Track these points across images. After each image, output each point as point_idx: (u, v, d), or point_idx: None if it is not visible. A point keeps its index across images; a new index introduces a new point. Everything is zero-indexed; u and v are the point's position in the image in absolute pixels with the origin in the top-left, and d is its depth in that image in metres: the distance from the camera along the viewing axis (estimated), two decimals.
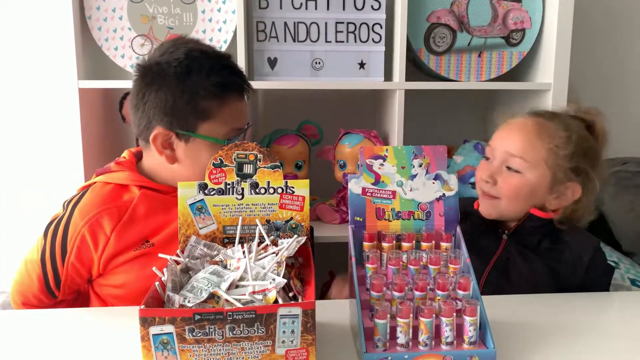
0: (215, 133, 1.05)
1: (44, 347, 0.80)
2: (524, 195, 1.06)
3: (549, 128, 1.06)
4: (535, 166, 1.04)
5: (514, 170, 1.06)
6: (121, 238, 1.01)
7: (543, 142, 1.04)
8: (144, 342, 0.63)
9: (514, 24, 1.47)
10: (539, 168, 1.04)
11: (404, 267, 0.81)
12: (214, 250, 0.81)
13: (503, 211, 1.09)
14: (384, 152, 0.86)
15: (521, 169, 1.05)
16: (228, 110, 1.06)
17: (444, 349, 0.72)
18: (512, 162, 1.06)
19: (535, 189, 1.05)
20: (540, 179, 1.05)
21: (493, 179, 1.07)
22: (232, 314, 0.63)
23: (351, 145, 1.50)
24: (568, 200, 1.07)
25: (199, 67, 1.02)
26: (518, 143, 1.06)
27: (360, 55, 1.45)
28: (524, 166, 1.05)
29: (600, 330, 0.85)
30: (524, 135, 1.06)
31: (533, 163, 1.04)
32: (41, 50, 1.61)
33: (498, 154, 1.08)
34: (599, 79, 1.83)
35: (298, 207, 0.85)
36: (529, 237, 1.09)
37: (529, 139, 1.05)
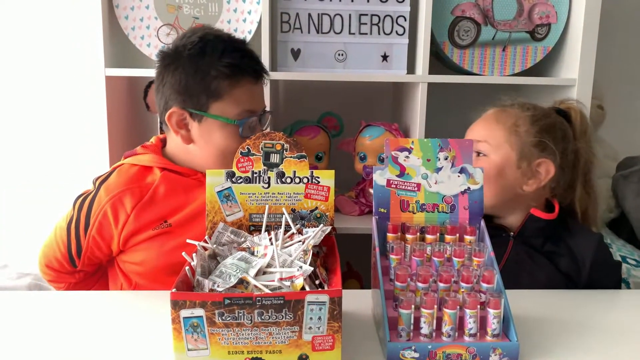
0: (227, 113, 1.07)
1: (74, 329, 0.82)
2: (493, 176, 1.09)
3: (508, 111, 1.14)
4: (498, 147, 1.10)
5: (483, 155, 1.11)
6: (140, 217, 1.05)
7: (502, 124, 1.11)
8: (174, 325, 0.65)
9: (540, 19, 1.46)
10: (503, 148, 1.10)
11: (428, 259, 0.81)
12: (241, 237, 0.82)
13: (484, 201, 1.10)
14: (410, 145, 0.87)
15: (487, 152, 1.10)
16: (239, 91, 1.08)
17: (467, 340, 0.72)
18: (479, 146, 1.11)
19: (503, 169, 1.09)
20: (505, 158, 1.09)
21: None
22: (261, 299, 0.64)
23: (372, 138, 1.50)
24: (543, 178, 1.09)
25: (212, 48, 1.07)
26: (481, 129, 1.14)
27: (383, 47, 1.45)
28: (488, 149, 1.10)
29: (624, 326, 0.85)
30: (485, 122, 1.15)
31: (495, 145, 1.10)
32: (69, 38, 1.63)
33: None
34: (625, 75, 1.80)
35: (323, 197, 0.86)
36: (533, 239, 1.09)
37: (489, 123, 1.14)
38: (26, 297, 1.01)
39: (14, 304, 0.92)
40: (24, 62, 1.68)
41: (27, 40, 1.68)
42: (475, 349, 0.71)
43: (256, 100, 1.13)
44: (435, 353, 0.71)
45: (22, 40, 1.68)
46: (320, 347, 0.66)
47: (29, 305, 0.92)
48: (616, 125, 1.69)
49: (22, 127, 1.71)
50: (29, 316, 0.87)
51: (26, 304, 0.92)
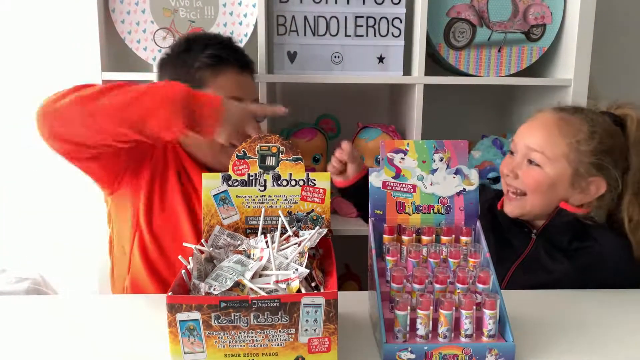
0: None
1: (72, 333, 0.83)
2: (545, 189, 1.06)
3: (571, 123, 1.06)
4: (555, 161, 1.05)
5: (535, 164, 1.06)
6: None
7: (564, 137, 1.05)
8: (171, 328, 0.65)
9: (535, 19, 1.46)
10: (559, 163, 1.05)
11: (424, 260, 0.82)
12: (237, 240, 0.82)
13: (527, 208, 1.08)
14: (405, 146, 0.87)
15: (541, 163, 1.06)
16: (223, 79, 1.12)
17: (463, 341, 0.73)
18: (533, 156, 1.06)
19: (556, 183, 1.05)
20: (560, 173, 1.05)
21: (514, 173, 1.09)
22: (257, 302, 0.65)
23: (369, 140, 1.51)
24: (592, 195, 1.06)
25: (196, 44, 1.15)
26: (539, 138, 1.07)
27: (379, 49, 1.45)
28: (544, 160, 1.05)
29: (621, 326, 0.85)
30: (545, 130, 1.07)
31: (553, 158, 1.05)
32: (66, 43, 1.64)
33: (520, 148, 1.09)
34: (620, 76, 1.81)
35: (319, 199, 0.86)
36: (558, 236, 1.07)
37: (550, 134, 1.06)
38: (24, 301, 1.02)
39: (12, 309, 0.92)
40: (21, 66, 1.68)
41: (24, 44, 1.68)
42: (472, 349, 0.71)
43: (243, 89, 1.15)
44: (432, 354, 0.71)
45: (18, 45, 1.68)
46: (316, 349, 0.67)
47: (27, 309, 0.92)
48: None
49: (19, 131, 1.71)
50: (27, 321, 0.87)
51: (24, 308, 0.93)
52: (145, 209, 1.11)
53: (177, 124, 0.92)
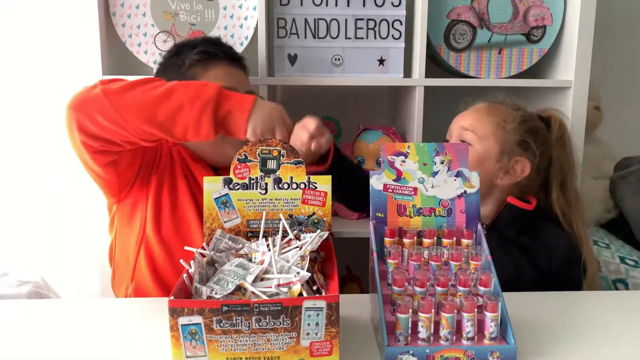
0: None
1: (74, 337, 0.83)
2: (473, 165, 1.11)
3: (499, 108, 1.19)
4: (484, 138, 1.15)
5: (466, 143, 1.15)
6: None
7: (492, 118, 1.17)
8: (173, 332, 0.65)
9: (535, 21, 1.46)
10: (488, 140, 1.15)
11: (425, 263, 0.82)
12: (239, 244, 0.82)
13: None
14: (406, 149, 0.87)
15: (471, 141, 1.15)
16: (213, 72, 1.14)
17: (465, 344, 0.73)
18: (465, 135, 1.17)
19: (484, 159, 1.14)
20: (488, 150, 1.15)
21: None
22: (259, 305, 0.65)
23: (370, 142, 1.51)
24: (517, 176, 1.15)
25: (185, 47, 1.18)
26: (470, 119, 1.19)
27: (379, 51, 1.45)
28: (474, 139, 1.15)
29: (622, 328, 0.85)
30: (476, 113, 1.20)
31: (482, 135, 1.15)
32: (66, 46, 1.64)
33: (454, 131, 1.21)
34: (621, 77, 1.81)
35: (320, 202, 0.86)
36: (507, 229, 1.13)
37: (480, 115, 1.18)
38: (26, 305, 1.02)
39: (14, 312, 0.92)
40: (21, 69, 1.68)
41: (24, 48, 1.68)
42: (473, 352, 0.71)
43: (235, 80, 1.16)
44: (434, 357, 0.71)
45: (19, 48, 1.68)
46: (318, 353, 0.67)
47: (29, 313, 0.92)
48: (613, 126, 1.70)
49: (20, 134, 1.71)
50: (29, 324, 0.87)
51: (26, 312, 0.93)
52: (154, 215, 1.10)
53: (206, 124, 0.92)
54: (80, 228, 1.65)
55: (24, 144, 1.71)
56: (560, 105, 1.46)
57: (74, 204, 1.65)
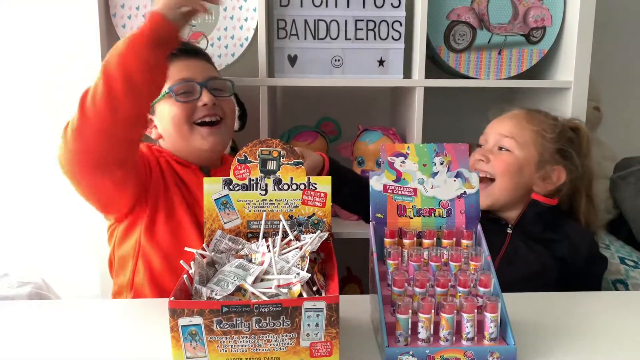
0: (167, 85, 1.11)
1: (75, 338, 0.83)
2: (513, 171, 1.16)
3: (537, 115, 1.22)
4: (524, 146, 1.17)
5: (505, 150, 1.18)
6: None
7: (531, 126, 1.19)
8: (173, 333, 0.65)
9: (535, 22, 1.47)
10: (528, 148, 1.17)
11: (425, 263, 0.82)
12: (239, 245, 0.83)
13: (496, 194, 1.17)
14: (406, 150, 0.88)
15: (511, 148, 1.17)
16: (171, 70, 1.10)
17: (464, 344, 0.73)
18: (504, 142, 1.18)
19: (524, 166, 1.17)
20: (528, 157, 1.17)
21: (486, 157, 1.18)
22: (259, 306, 0.65)
23: (370, 142, 1.51)
24: (553, 183, 1.18)
25: None
26: (509, 126, 1.20)
27: (379, 52, 1.45)
28: (514, 145, 1.17)
29: (623, 329, 0.85)
30: (515, 120, 1.21)
31: (522, 143, 1.17)
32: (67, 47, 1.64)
33: (491, 137, 1.21)
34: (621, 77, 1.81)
35: (320, 203, 0.86)
36: (532, 227, 1.16)
37: (519, 122, 1.20)
38: (27, 306, 1.02)
39: (14, 313, 0.92)
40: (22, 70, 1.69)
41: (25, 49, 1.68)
42: (473, 353, 0.71)
43: (193, 70, 1.16)
44: (433, 357, 0.71)
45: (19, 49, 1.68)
46: (318, 354, 0.67)
47: (30, 314, 0.92)
48: (613, 127, 1.70)
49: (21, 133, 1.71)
50: (30, 325, 0.87)
51: (26, 313, 0.93)
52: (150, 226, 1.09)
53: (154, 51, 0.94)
54: (81, 229, 1.65)
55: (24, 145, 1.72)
56: (560, 106, 1.46)
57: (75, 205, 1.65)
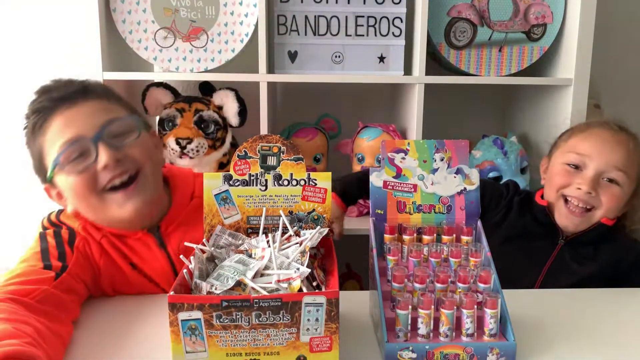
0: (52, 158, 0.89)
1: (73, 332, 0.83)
2: (620, 206, 1.10)
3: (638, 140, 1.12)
4: (632, 180, 1.09)
5: (615, 183, 1.09)
6: None
7: (638, 159, 1.10)
8: (172, 328, 0.65)
9: (536, 19, 1.46)
10: (633, 183, 1.10)
11: (425, 259, 0.82)
12: (239, 240, 0.82)
13: (594, 222, 1.11)
14: (406, 146, 0.87)
15: (622, 183, 1.08)
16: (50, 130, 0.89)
17: (464, 340, 0.73)
18: (614, 174, 1.08)
19: (623, 200, 1.10)
20: (630, 192, 1.10)
21: (596, 190, 1.09)
22: (259, 301, 0.65)
23: (370, 139, 1.51)
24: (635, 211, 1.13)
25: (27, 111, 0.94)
26: (621, 157, 1.08)
27: (380, 49, 1.45)
28: (625, 180, 1.08)
29: (623, 326, 0.85)
30: (625, 151, 1.09)
31: (633, 178, 1.09)
32: (67, 43, 1.64)
33: (596, 165, 1.09)
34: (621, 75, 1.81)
35: (320, 199, 0.86)
36: (587, 243, 1.11)
37: (630, 155, 1.09)
38: None
39: None
40: (22, 66, 1.68)
41: (25, 44, 1.68)
42: (473, 349, 0.72)
43: (80, 123, 0.88)
44: (433, 353, 0.71)
45: (20, 45, 1.68)
46: (318, 349, 0.67)
47: None
48: None
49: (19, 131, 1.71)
50: None
51: None
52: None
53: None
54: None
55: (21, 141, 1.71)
56: (561, 103, 1.46)
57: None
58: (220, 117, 1.46)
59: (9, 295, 0.77)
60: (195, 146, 1.41)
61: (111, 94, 0.97)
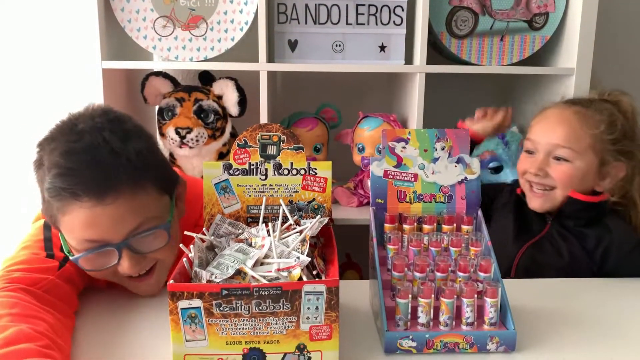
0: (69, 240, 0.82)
1: None
2: (575, 182, 1.10)
3: (589, 115, 1.11)
4: (583, 154, 1.09)
5: (563, 160, 1.10)
6: None
7: (587, 130, 1.09)
8: (172, 316, 0.65)
9: (538, 8, 1.45)
10: (587, 155, 1.09)
11: (425, 248, 0.82)
12: (239, 229, 0.82)
13: (558, 201, 1.12)
14: (407, 135, 0.87)
15: (570, 158, 1.09)
16: (69, 220, 0.79)
17: (464, 329, 0.73)
18: (560, 152, 1.10)
19: (586, 174, 1.10)
20: (589, 164, 1.09)
21: (543, 171, 1.11)
22: (259, 289, 0.65)
23: (370, 129, 1.50)
24: (614, 180, 1.11)
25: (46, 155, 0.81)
26: (563, 134, 1.10)
27: (381, 38, 1.44)
28: (573, 155, 1.09)
29: (622, 315, 0.85)
30: (567, 126, 1.10)
31: (580, 151, 1.09)
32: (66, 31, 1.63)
33: (542, 147, 1.12)
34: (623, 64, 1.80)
35: (320, 188, 0.86)
36: (571, 220, 1.12)
37: (573, 129, 1.10)
38: None
39: None
40: (20, 55, 1.67)
41: (23, 33, 1.67)
42: (473, 337, 0.72)
43: (105, 226, 0.79)
44: (433, 342, 0.72)
45: (18, 34, 1.67)
46: (318, 337, 0.67)
47: None
48: None
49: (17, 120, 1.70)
50: None
51: None
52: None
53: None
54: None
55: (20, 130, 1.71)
56: (562, 93, 1.45)
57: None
58: (220, 107, 1.45)
59: (18, 285, 0.77)
60: (195, 136, 1.40)
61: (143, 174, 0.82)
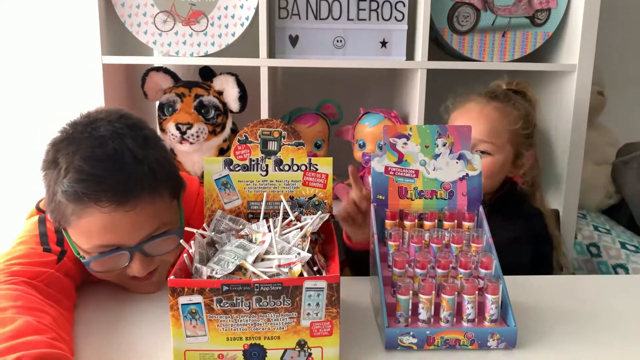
0: (79, 242, 0.82)
1: None
2: (497, 173, 1.20)
3: (507, 111, 1.22)
4: (502, 147, 1.19)
5: (485, 153, 1.18)
6: None
7: (506, 125, 1.20)
8: (173, 312, 0.65)
9: (540, 4, 1.44)
10: (505, 147, 1.20)
11: (426, 245, 0.82)
12: (239, 225, 0.82)
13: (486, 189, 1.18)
14: (408, 131, 0.87)
15: (491, 152, 1.18)
16: (86, 223, 0.79)
17: (465, 325, 0.73)
18: (482, 146, 1.18)
19: (504, 165, 1.21)
20: (507, 156, 1.20)
21: None
22: (259, 285, 0.64)
23: (371, 125, 1.50)
24: (526, 167, 1.24)
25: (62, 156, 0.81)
26: (485, 129, 1.18)
27: (382, 33, 1.43)
28: (494, 149, 1.18)
29: (621, 312, 0.85)
30: (489, 122, 1.20)
31: (500, 145, 1.19)
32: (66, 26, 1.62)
33: None
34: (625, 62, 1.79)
35: (321, 184, 0.86)
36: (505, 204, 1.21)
37: (493, 125, 1.19)
38: None
39: None
40: (20, 50, 1.67)
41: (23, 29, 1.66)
42: (473, 334, 0.72)
43: (122, 231, 0.80)
44: (434, 338, 0.71)
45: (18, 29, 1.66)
46: (318, 333, 0.67)
47: None
48: (616, 112, 1.69)
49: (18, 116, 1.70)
50: None
51: None
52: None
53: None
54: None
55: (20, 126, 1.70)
56: (564, 90, 1.44)
57: None
58: (220, 103, 1.44)
59: (20, 278, 0.77)
60: (196, 131, 1.40)
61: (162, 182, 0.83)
